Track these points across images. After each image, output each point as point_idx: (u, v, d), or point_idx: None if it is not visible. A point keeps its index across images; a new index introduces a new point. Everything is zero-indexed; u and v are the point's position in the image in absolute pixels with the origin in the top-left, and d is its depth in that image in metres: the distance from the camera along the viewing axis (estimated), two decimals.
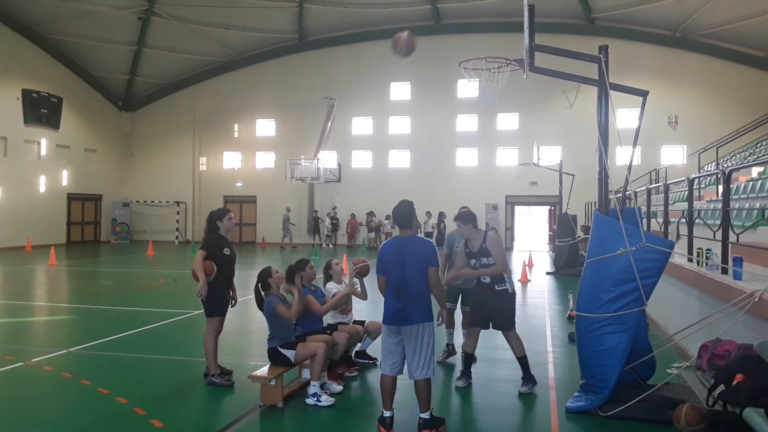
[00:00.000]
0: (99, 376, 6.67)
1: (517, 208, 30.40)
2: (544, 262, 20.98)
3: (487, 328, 6.54)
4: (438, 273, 5.23)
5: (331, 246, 28.14)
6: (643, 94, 6.09)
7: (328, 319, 6.99)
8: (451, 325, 7.52)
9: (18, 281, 15.67)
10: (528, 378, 6.36)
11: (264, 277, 6.11)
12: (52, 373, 6.86)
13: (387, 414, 5.08)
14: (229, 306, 6.69)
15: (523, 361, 6.36)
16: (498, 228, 27.55)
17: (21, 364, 7.19)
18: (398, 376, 5.17)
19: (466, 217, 6.48)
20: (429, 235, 25.47)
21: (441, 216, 24.95)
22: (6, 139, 25.60)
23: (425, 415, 5.02)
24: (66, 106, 28.50)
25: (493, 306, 6.37)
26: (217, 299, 6.44)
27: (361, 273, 6.80)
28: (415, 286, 5.03)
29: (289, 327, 6.07)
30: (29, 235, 25.58)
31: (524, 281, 15.53)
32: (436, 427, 5.04)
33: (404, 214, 5.22)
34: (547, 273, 17.79)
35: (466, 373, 6.54)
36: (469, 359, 6.60)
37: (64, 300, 13.15)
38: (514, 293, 6.47)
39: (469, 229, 6.42)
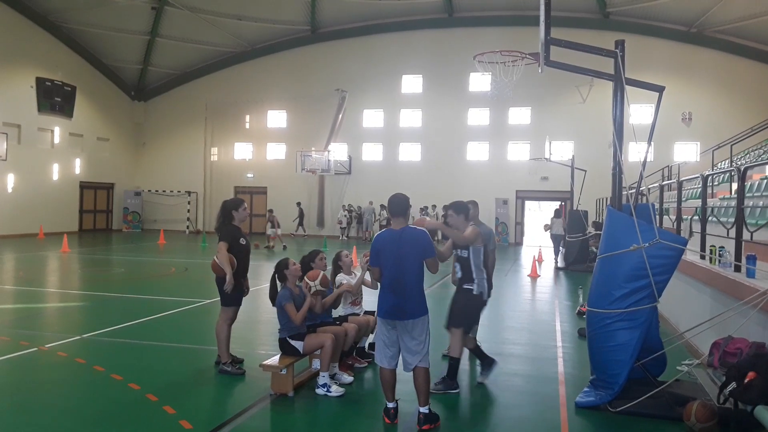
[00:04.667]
0: (111, 363, 6.75)
1: (528, 203, 30.31)
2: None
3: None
4: (436, 262, 5.19)
5: (345, 238, 28.21)
6: (659, 89, 6.05)
7: (339, 310, 7.01)
8: None
9: (31, 268, 15.83)
10: (447, 380, 6.04)
11: (281, 268, 6.13)
12: (66, 359, 6.95)
13: (390, 405, 5.14)
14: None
15: (453, 362, 6.07)
16: (508, 223, 27.55)
17: (35, 349, 7.29)
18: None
19: (458, 207, 6.30)
20: None
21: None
22: (20, 127, 25.80)
23: (424, 410, 5.01)
24: (79, 94, 28.68)
25: (454, 302, 6.27)
26: (235, 289, 6.48)
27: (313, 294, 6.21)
28: (411, 280, 4.99)
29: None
30: (42, 223, 25.82)
31: (534, 276, 15.51)
32: (434, 422, 5.03)
33: (399, 203, 5.14)
34: (557, 268, 17.75)
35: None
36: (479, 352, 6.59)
37: (77, 287, 13.30)
38: (479, 296, 6.18)
39: (461, 220, 6.22)
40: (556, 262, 18.78)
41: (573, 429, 5.16)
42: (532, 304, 12.28)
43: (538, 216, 49.97)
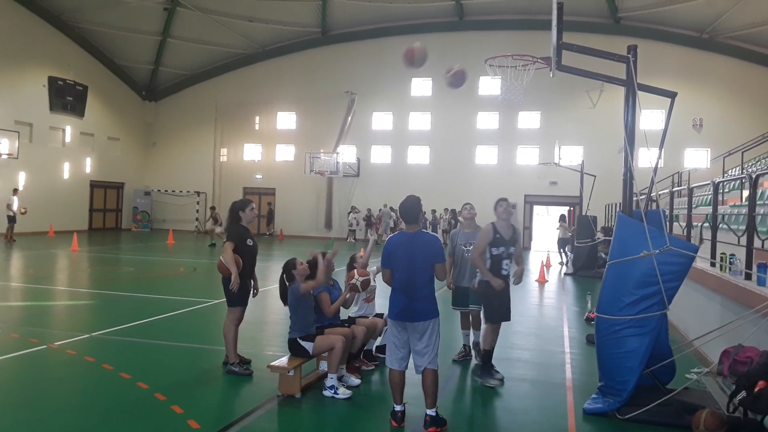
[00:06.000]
0: (120, 361, 6.78)
1: (536, 208, 30.23)
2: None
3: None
4: (444, 268, 5.29)
5: (352, 240, 28.20)
6: (671, 95, 6.02)
7: (351, 309, 7.01)
8: (467, 326, 7.50)
9: (41, 266, 15.94)
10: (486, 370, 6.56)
11: (289, 268, 6.17)
12: (75, 357, 6.99)
13: (398, 408, 5.14)
14: (251, 296, 6.74)
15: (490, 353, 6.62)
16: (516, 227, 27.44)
17: (44, 347, 7.34)
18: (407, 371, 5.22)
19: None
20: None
21: (454, 213, 24.95)
22: (32, 126, 26.02)
23: (431, 412, 5.00)
24: (91, 94, 28.89)
25: (508, 298, 6.62)
26: (240, 289, 6.48)
27: (362, 288, 6.31)
28: (422, 283, 5.06)
29: (309, 319, 6.11)
30: (52, 221, 26.01)
31: (542, 282, 15.45)
32: (441, 425, 5.00)
33: (411, 209, 5.17)
34: (565, 274, 17.68)
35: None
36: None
37: (87, 285, 13.37)
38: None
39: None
40: (561, 267, 18.71)
41: None
42: (540, 309, 12.24)
43: (547, 221, 49.78)
